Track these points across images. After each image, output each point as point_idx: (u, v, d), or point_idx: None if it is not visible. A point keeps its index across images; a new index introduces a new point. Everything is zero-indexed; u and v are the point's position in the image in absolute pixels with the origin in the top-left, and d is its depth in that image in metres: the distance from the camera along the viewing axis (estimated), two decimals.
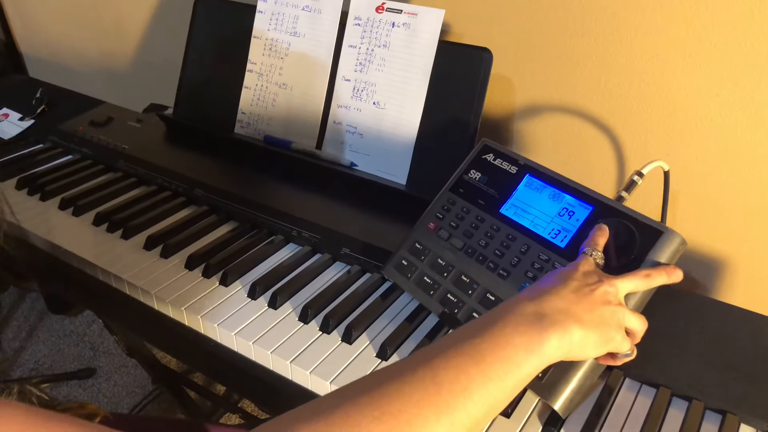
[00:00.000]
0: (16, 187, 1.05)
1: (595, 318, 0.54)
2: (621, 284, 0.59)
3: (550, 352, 0.51)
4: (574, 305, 0.54)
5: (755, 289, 0.94)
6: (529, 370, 0.50)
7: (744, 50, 0.82)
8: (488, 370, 0.47)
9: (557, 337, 0.51)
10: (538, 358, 0.50)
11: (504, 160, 0.78)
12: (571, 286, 0.56)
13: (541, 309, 0.53)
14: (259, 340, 0.73)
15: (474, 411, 0.46)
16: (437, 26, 0.93)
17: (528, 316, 0.52)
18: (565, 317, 0.52)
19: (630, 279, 0.60)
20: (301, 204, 0.95)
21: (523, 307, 0.53)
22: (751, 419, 0.62)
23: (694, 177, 0.92)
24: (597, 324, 0.54)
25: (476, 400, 0.46)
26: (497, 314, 0.52)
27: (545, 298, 0.54)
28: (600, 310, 0.55)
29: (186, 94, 1.17)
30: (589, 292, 0.56)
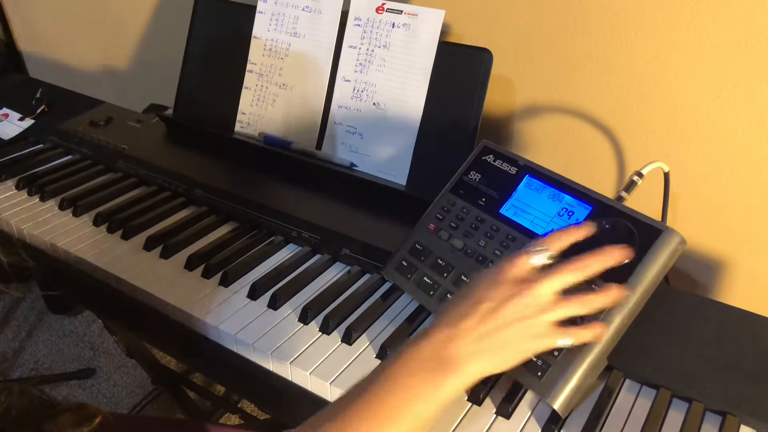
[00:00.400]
0: (16, 187, 1.05)
1: (496, 343, 0.55)
2: (543, 288, 0.56)
3: (449, 394, 0.53)
4: (470, 339, 0.54)
5: (755, 289, 0.94)
6: (432, 411, 0.52)
7: (745, 51, 0.82)
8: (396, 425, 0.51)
9: (454, 378, 0.53)
10: (440, 400, 0.53)
11: (504, 161, 0.78)
12: (480, 310, 0.55)
13: (435, 351, 0.54)
14: (258, 341, 0.73)
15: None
16: (437, 27, 0.93)
17: (425, 362, 0.53)
18: (463, 357, 0.53)
19: (557, 277, 0.57)
20: (301, 204, 0.95)
21: (418, 352, 0.54)
22: (751, 420, 0.62)
23: (694, 178, 0.92)
24: (499, 347, 0.55)
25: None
26: (397, 363, 0.54)
27: (439, 336, 0.54)
28: (504, 333, 0.55)
29: (186, 95, 1.17)
30: (494, 315, 0.55)
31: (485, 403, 0.65)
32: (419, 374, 0.52)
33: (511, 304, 0.55)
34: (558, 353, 0.63)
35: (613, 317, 0.63)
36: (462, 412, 0.64)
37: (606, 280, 0.64)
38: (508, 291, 0.56)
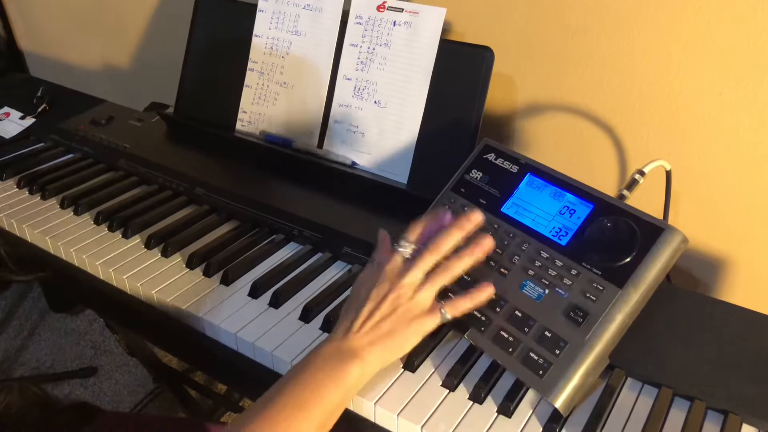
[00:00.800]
0: (17, 185, 1.05)
1: (384, 333, 0.63)
2: (410, 279, 0.65)
3: (354, 380, 0.62)
4: (362, 336, 0.63)
5: (757, 288, 0.93)
6: (342, 397, 0.61)
7: (747, 49, 0.82)
8: (311, 413, 0.59)
9: (356, 367, 0.62)
10: (348, 386, 0.61)
11: (505, 159, 0.78)
12: (365, 310, 0.64)
13: (337, 348, 0.63)
14: (260, 339, 0.73)
15: None
16: (438, 25, 0.93)
17: (329, 358, 0.62)
18: (359, 349, 0.63)
19: (417, 267, 0.65)
20: (302, 203, 0.95)
21: (323, 351, 0.63)
22: (753, 419, 0.62)
23: (696, 176, 0.92)
24: (387, 336, 0.63)
25: None
26: (307, 361, 0.63)
27: (338, 338, 0.64)
28: (387, 323, 0.64)
29: (187, 93, 1.17)
30: (376, 311, 0.64)
31: (486, 401, 0.65)
32: (325, 368, 0.61)
33: (388, 299, 0.64)
34: (559, 351, 0.63)
35: (615, 316, 0.63)
36: (463, 411, 0.64)
37: (606, 278, 0.64)
38: (385, 287, 0.65)
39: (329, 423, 0.61)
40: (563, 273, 0.67)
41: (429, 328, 0.65)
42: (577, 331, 0.63)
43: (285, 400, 0.59)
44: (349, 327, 0.64)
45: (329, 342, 0.64)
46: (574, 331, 0.63)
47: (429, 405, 0.65)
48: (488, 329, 0.68)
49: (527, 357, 0.64)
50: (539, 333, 0.65)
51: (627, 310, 0.63)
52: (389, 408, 0.64)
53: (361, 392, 0.66)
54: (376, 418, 0.66)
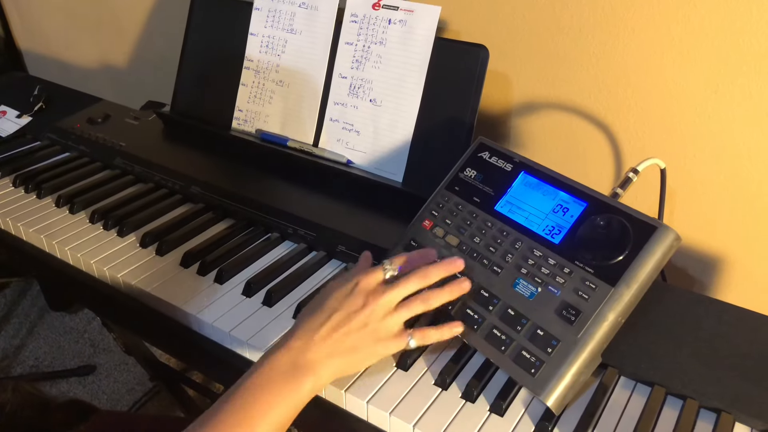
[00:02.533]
0: (13, 184, 1.05)
1: (346, 347, 0.62)
2: (387, 299, 0.64)
3: (305, 396, 0.60)
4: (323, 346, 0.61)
5: (751, 286, 0.93)
6: (292, 413, 0.59)
7: (742, 46, 0.82)
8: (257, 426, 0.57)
9: (310, 382, 0.59)
10: (298, 402, 0.59)
11: (499, 157, 0.78)
12: (331, 321, 0.62)
13: (292, 359, 0.60)
14: (253, 339, 0.73)
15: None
16: (433, 23, 0.93)
17: (281, 371, 0.59)
18: (316, 362, 0.60)
19: (397, 289, 0.64)
20: (298, 201, 0.95)
21: (278, 362, 0.60)
22: (745, 418, 0.62)
23: (691, 174, 0.92)
24: (349, 351, 0.62)
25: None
26: (259, 375, 0.59)
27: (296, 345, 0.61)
28: (352, 338, 0.62)
29: (183, 92, 1.16)
30: (345, 323, 0.62)
31: (479, 400, 0.65)
32: (278, 383, 0.59)
33: (361, 314, 0.62)
34: (551, 350, 0.63)
35: (607, 314, 0.63)
36: (456, 410, 0.64)
37: (599, 276, 0.64)
38: (359, 302, 0.63)
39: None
40: (556, 271, 0.67)
41: (391, 352, 0.65)
42: (570, 329, 0.63)
43: (230, 419, 0.57)
44: (312, 336, 0.62)
45: (285, 350, 0.61)
46: (566, 329, 0.63)
47: (421, 403, 0.65)
48: (481, 327, 0.68)
49: (519, 355, 0.64)
50: (532, 331, 0.65)
51: (619, 308, 0.63)
52: (382, 406, 0.64)
53: (353, 390, 0.66)
54: (368, 417, 0.66)
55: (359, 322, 0.62)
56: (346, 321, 0.62)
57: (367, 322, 0.62)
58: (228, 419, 0.57)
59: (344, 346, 0.61)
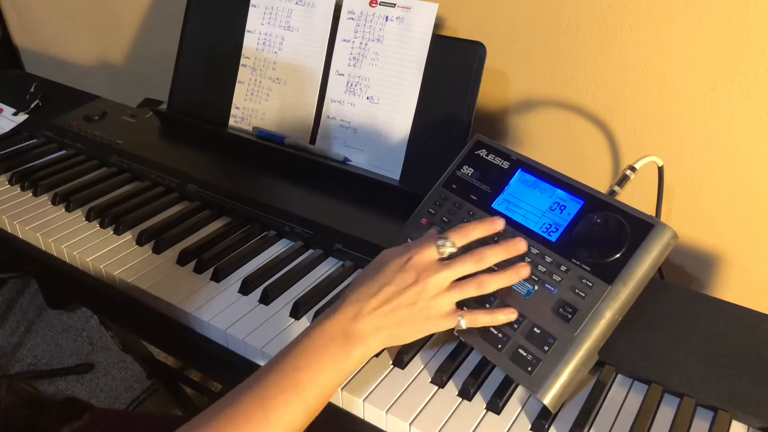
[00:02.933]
0: (9, 182, 1.04)
1: (395, 321, 0.62)
2: (440, 279, 0.63)
3: (354, 364, 0.60)
4: (372, 318, 0.61)
5: (750, 284, 0.93)
6: (340, 381, 0.60)
7: (740, 44, 0.82)
8: (307, 396, 0.58)
9: (359, 350, 0.60)
10: (348, 369, 0.60)
11: (496, 155, 0.77)
12: (380, 294, 0.62)
13: (343, 327, 0.61)
14: (249, 336, 0.73)
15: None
16: (431, 20, 0.92)
17: (334, 338, 0.60)
18: (366, 333, 0.61)
19: (453, 269, 0.63)
20: (294, 199, 0.95)
21: (329, 328, 0.61)
22: (742, 416, 0.62)
23: (689, 172, 0.92)
24: (398, 325, 0.62)
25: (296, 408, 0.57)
26: (310, 339, 0.60)
27: (347, 315, 0.61)
28: (401, 313, 0.62)
29: (180, 89, 1.16)
30: (394, 297, 0.62)
31: (475, 398, 0.65)
32: (329, 349, 0.59)
33: (411, 290, 0.62)
34: (548, 348, 0.63)
35: (604, 312, 0.62)
36: (452, 408, 0.64)
37: (596, 274, 0.64)
38: (411, 277, 0.63)
39: (320, 407, 0.59)
40: (553, 269, 0.67)
41: (441, 329, 0.64)
42: (566, 327, 0.63)
43: (280, 381, 0.57)
44: (362, 306, 0.61)
45: (336, 319, 0.61)
46: (563, 327, 0.63)
47: (418, 401, 0.65)
48: None
49: (516, 353, 0.64)
50: (528, 329, 0.65)
51: (616, 306, 0.63)
52: (378, 405, 0.64)
53: (350, 389, 0.66)
54: (365, 415, 0.66)
55: (409, 299, 0.62)
56: (395, 296, 0.62)
57: (417, 300, 0.62)
58: (278, 381, 0.57)
59: (393, 320, 0.61)
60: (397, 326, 0.62)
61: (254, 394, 0.57)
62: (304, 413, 0.57)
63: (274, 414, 0.55)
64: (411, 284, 0.62)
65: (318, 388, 0.58)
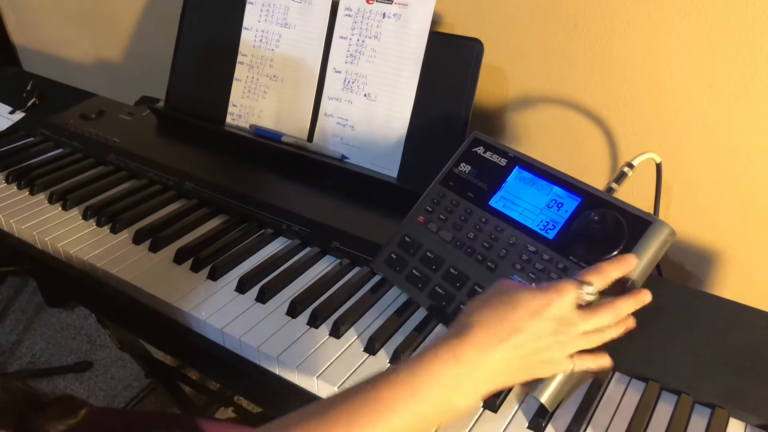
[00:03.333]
0: (6, 180, 1.04)
1: (521, 367, 0.56)
2: (580, 328, 0.57)
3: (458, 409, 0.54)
4: (501, 362, 0.55)
5: (749, 281, 0.93)
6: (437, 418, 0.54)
7: (738, 40, 0.81)
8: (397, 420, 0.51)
9: (468, 401, 0.55)
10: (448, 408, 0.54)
11: (494, 152, 0.77)
12: (513, 340, 0.55)
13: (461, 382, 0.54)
14: (246, 335, 0.73)
15: None
16: (428, 17, 0.92)
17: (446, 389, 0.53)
18: (485, 383, 0.55)
19: (594, 320, 0.57)
20: (292, 197, 0.95)
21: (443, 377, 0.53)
22: (740, 413, 0.61)
23: (687, 169, 0.92)
24: (522, 371, 0.57)
25: None
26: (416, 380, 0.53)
27: (473, 366, 0.54)
28: (530, 361, 0.56)
29: (177, 87, 1.16)
30: (525, 346, 0.55)
31: None
32: (434, 400, 0.53)
33: (546, 341, 0.56)
34: None
35: None
36: None
37: None
38: (549, 327, 0.56)
39: None
40: (550, 267, 0.67)
41: (549, 374, 0.60)
42: None
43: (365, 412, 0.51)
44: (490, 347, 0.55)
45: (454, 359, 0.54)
46: None
47: None
48: None
49: None
50: None
51: None
52: None
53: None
54: None
55: (543, 352, 0.56)
56: (527, 344, 0.55)
57: (549, 351, 0.57)
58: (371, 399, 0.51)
59: (518, 366, 0.56)
60: (519, 372, 0.57)
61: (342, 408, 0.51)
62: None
63: None
64: (547, 335, 0.56)
65: (411, 415, 0.52)
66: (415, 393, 0.52)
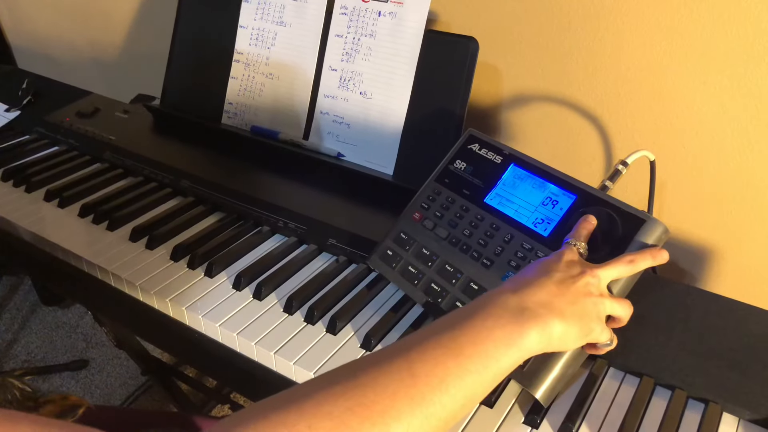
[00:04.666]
0: (2, 178, 1.04)
1: (576, 310, 0.55)
2: (603, 273, 0.59)
3: (529, 346, 0.51)
4: (555, 298, 0.55)
5: (743, 278, 0.94)
6: (508, 363, 0.50)
7: (730, 38, 0.82)
8: (466, 363, 0.47)
9: (537, 331, 0.52)
10: (518, 351, 0.51)
11: (489, 149, 0.78)
12: (554, 277, 0.56)
13: (523, 302, 0.53)
14: (243, 331, 0.73)
15: (450, 404, 0.46)
16: (423, 15, 0.92)
17: (509, 309, 0.52)
18: (547, 311, 0.53)
19: (613, 267, 0.60)
20: (288, 195, 0.95)
21: (505, 300, 0.53)
22: (733, 408, 0.62)
23: (680, 166, 0.92)
24: (578, 316, 0.55)
25: (452, 393, 0.46)
26: (479, 305, 0.53)
27: (527, 290, 0.54)
28: (582, 302, 0.56)
29: (173, 85, 1.16)
30: (571, 284, 0.56)
31: None
32: (502, 319, 0.51)
33: (581, 279, 0.57)
34: None
35: None
36: None
37: None
38: (575, 269, 0.58)
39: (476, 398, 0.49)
40: None
41: (601, 339, 0.59)
42: None
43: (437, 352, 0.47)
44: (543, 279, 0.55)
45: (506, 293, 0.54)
46: None
47: None
48: None
49: None
50: None
51: None
52: None
53: None
54: None
55: (583, 287, 0.56)
56: (569, 281, 0.56)
57: (590, 291, 0.57)
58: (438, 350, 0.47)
59: (574, 307, 0.55)
60: (578, 318, 0.55)
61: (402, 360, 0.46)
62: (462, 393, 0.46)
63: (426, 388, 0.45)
64: (578, 274, 0.57)
65: (483, 359, 0.48)
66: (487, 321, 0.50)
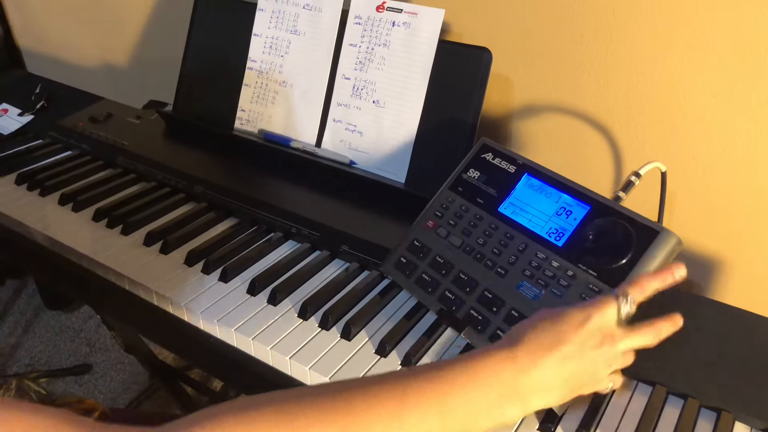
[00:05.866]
0: (16, 182, 1.05)
1: (575, 388, 0.56)
2: (623, 345, 0.58)
3: (506, 421, 0.53)
4: (555, 387, 0.55)
5: (751, 288, 0.94)
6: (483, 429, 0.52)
7: (741, 51, 0.83)
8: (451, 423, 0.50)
9: (522, 411, 0.54)
10: (493, 423, 0.53)
11: (503, 159, 0.79)
12: (564, 352, 0.55)
13: (518, 383, 0.53)
14: (258, 336, 0.74)
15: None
16: (437, 26, 0.94)
17: (502, 383, 0.53)
18: (540, 398, 0.54)
19: (633, 339, 0.58)
20: (301, 201, 0.96)
21: (501, 370, 0.53)
22: (745, 417, 0.63)
23: (691, 177, 0.93)
24: (575, 391, 0.57)
25: None
26: (472, 370, 0.53)
27: (529, 370, 0.54)
28: (576, 378, 0.56)
29: (186, 91, 1.17)
30: (579, 359, 0.55)
31: None
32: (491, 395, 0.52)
33: (593, 353, 0.56)
34: None
35: None
36: None
37: (602, 279, 0.65)
38: (593, 340, 0.56)
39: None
40: (559, 274, 0.68)
41: (590, 392, 0.59)
42: None
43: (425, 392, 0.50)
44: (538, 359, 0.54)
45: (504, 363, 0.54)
46: None
47: None
48: (486, 329, 0.69)
49: None
50: None
51: None
52: None
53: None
54: None
55: (589, 365, 0.56)
56: (575, 358, 0.55)
57: (595, 366, 0.56)
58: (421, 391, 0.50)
59: (565, 383, 0.55)
60: (563, 389, 0.55)
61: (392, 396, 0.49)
62: None
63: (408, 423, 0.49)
64: (592, 348, 0.56)
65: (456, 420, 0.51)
66: (476, 380, 0.52)
